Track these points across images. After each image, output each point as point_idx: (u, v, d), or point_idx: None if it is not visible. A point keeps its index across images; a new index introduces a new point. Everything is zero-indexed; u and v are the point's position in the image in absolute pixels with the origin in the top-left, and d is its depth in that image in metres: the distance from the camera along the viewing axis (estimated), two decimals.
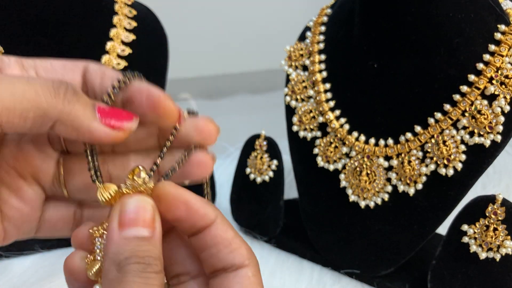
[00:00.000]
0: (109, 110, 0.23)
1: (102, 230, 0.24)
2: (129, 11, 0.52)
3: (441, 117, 0.42)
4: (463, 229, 0.43)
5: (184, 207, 0.23)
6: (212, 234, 0.23)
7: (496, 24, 0.41)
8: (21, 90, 0.20)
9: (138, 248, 0.21)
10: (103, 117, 0.23)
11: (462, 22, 0.41)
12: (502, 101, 0.40)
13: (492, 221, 0.41)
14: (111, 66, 0.50)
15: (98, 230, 0.24)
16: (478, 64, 0.40)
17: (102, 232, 0.24)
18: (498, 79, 0.40)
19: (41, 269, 0.51)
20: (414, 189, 0.43)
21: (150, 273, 0.21)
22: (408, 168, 0.43)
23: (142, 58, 0.51)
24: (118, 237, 0.21)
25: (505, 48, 0.40)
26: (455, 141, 0.41)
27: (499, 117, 0.40)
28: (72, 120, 0.22)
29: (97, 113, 0.23)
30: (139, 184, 0.23)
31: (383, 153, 0.45)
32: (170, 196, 0.23)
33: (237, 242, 0.23)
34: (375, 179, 0.45)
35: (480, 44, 0.41)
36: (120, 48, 0.50)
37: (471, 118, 0.41)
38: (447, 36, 0.41)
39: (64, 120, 0.22)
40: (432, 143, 0.42)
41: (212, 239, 0.23)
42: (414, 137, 0.43)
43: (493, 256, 0.41)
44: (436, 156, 0.42)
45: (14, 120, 0.21)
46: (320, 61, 0.49)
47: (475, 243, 0.42)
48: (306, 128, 0.50)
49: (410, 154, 0.43)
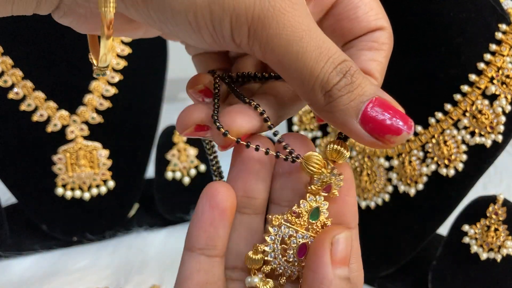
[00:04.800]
0: (376, 116, 0.21)
1: (283, 220, 0.24)
2: None
3: (442, 117, 0.41)
4: (464, 229, 0.43)
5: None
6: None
7: (497, 24, 0.41)
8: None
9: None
10: (365, 120, 0.21)
11: (463, 22, 0.41)
12: (503, 101, 0.39)
13: (493, 221, 0.41)
14: (111, 66, 0.49)
15: (278, 219, 0.24)
16: (479, 64, 0.40)
17: (281, 222, 0.24)
18: (499, 78, 0.40)
19: (41, 269, 0.51)
20: (415, 189, 0.43)
21: None
22: (409, 168, 0.43)
23: (141, 58, 0.51)
24: (331, 275, 0.21)
25: (506, 47, 0.40)
26: (456, 141, 0.41)
27: (500, 117, 0.39)
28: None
29: (360, 115, 0.21)
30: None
31: (383, 153, 0.44)
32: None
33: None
34: (376, 179, 0.45)
35: (481, 44, 0.41)
36: (119, 48, 0.50)
37: (472, 118, 0.40)
38: (448, 35, 0.41)
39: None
40: (433, 143, 0.42)
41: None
42: (415, 137, 0.43)
43: (494, 257, 0.41)
44: (437, 156, 0.42)
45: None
46: None
47: (476, 244, 0.42)
48: (307, 128, 0.49)
49: (411, 154, 0.43)
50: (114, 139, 0.52)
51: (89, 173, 0.51)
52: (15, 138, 0.49)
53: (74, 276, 0.50)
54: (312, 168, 0.23)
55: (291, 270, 0.24)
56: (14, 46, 0.47)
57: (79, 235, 0.54)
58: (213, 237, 0.23)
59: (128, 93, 0.51)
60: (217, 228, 0.23)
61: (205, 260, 0.23)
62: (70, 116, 0.49)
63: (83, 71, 0.49)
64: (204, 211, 0.23)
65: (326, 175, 0.23)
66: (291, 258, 0.24)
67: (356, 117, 0.21)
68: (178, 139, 0.56)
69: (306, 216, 0.24)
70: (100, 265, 0.52)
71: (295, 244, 0.24)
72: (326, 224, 0.24)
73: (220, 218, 0.23)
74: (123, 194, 0.54)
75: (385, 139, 0.21)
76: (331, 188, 0.24)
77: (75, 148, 0.50)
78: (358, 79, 0.21)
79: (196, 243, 0.23)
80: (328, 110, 0.21)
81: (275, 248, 0.24)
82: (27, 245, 0.52)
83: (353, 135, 0.21)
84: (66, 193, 0.51)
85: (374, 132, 0.21)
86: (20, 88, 0.47)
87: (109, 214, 0.55)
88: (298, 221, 0.24)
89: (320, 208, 0.24)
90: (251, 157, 0.24)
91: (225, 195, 0.23)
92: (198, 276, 0.23)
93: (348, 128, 0.21)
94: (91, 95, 0.49)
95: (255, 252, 0.24)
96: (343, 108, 0.21)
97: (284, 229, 0.24)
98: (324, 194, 0.24)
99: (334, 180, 0.23)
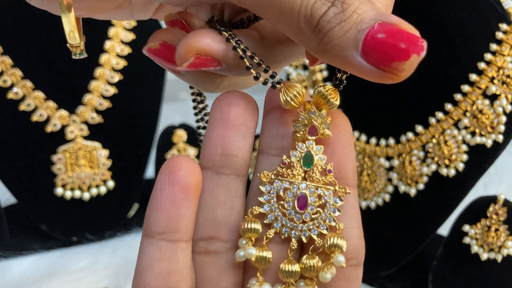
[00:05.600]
0: (379, 40, 0.17)
1: (273, 175, 0.21)
2: None
3: (443, 116, 0.41)
4: (464, 229, 0.42)
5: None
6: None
7: (497, 24, 0.40)
8: None
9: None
10: (367, 51, 0.17)
11: (463, 22, 0.41)
12: (504, 100, 0.39)
13: (494, 221, 0.41)
14: (110, 66, 0.49)
15: (268, 175, 0.22)
16: (480, 64, 0.40)
17: (272, 178, 0.21)
18: (500, 78, 0.40)
19: (40, 269, 0.51)
20: (415, 189, 0.43)
21: None
22: (409, 168, 0.43)
23: (141, 57, 0.51)
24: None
25: (507, 47, 0.40)
26: (456, 141, 0.41)
27: (500, 116, 0.39)
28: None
29: (360, 46, 0.18)
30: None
31: (384, 153, 0.44)
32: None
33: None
34: (376, 179, 0.45)
35: (482, 44, 0.40)
36: (119, 48, 0.50)
37: (472, 118, 0.40)
38: (448, 35, 0.41)
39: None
40: (433, 143, 0.42)
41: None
42: (415, 137, 0.43)
43: (495, 257, 0.41)
44: (437, 156, 0.42)
45: None
46: None
47: (477, 244, 0.42)
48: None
49: (411, 154, 0.43)
50: (113, 139, 0.52)
51: (88, 173, 0.51)
52: (14, 138, 0.49)
53: (73, 276, 0.50)
54: (287, 98, 0.21)
55: (300, 229, 0.21)
56: (13, 45, 0.47)
57: (78, 235, 0.54)
58: (175, 218, 0.20)
59: (128, 93, 0.51)
60: (178, 208, 0.20)
61: (166, 246, 0.21)
62: (70, 116, 0.49)
63: (82, 71, 0.49)
64: (163, 188, 0.20)
65: (304, 116, 0.21)
66: (292, 214, 0.21)
67: (356, 49, 0.18)
68: (178, 139, 0.56)
69: (299, 165, 0.21)
70: (100, 265, 0.52)
71: (292, 196, 0.21)
72: (327, 169, 0.21)
73: (182, 195, 0.20)
74: (123, 194, 0.54)
75: (392, 69, 0.18)
76: (317, 130, 0.21)
77: (74, 148, 0.50)
78: (352, 5, 0.18)
79: (155, 227, 0.20)
80: (323, 49, 0.18)
81: (273, 208, 0.22)
82: (26, 245, 0.52)
83: (356, 70, 0.18)
84: (66, 193, 0.51)
85: (379, 63, 0.18)
86: (20, 88, 0.47)
87: (109, 214, 0.55)
88: (292, 173, 0.21)
89: (313, 152, 0.21)
90: (231, 110, 0.21)
91: (188, 169, 0.20)
92: (159, 265, 0.21)
93: (349, 63, 0.18)
94: (91, 95, 0.49)
95: (249, 219, 0.21)
96: (338, 42, 0.18)
97: (277, 184, 0.21)
98: (311, 138, 0.21)
99: (316, 118, 0.21)
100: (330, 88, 0.21)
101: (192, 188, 0.21)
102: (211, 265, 0.22)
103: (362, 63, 0.18)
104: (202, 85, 0.23)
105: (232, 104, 0.21)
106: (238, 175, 0.22)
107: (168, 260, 0.21)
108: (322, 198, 0.21)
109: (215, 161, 0.21)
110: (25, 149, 0.49)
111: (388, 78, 0.18)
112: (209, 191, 0.22)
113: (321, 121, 0.21)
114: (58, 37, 0.48)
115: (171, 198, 0.20)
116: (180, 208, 0.20)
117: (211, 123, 0.21)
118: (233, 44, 0.20)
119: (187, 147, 0.56)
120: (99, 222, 0.54)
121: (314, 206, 0.21)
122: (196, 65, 0.20)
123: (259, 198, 0.22)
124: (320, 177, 0.21)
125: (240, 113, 0.21)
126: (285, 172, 0.21)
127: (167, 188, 0.20)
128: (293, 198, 0.21)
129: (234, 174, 0.22)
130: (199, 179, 0.21)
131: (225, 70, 0.21)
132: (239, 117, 0.21)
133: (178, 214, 0.20)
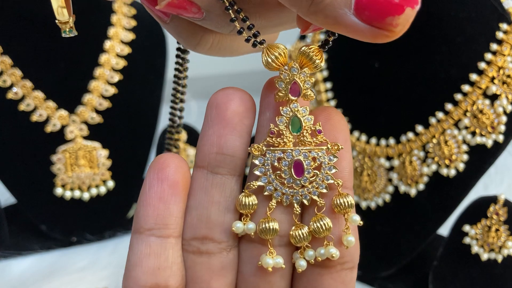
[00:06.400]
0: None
1: (264, 147, 0.21)
2: (128, 10, 0.51)
3: (443, 116, 0.41)
4: (464, 230, 0.42)
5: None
6: None
7: (498, 23, 0.40)
8: None
9: None
10: (360, 8, 0.17)
11: (463, 21, 0.40)
12: (504, 100, 0.39)
13: (494, 221, 0.41)
14: (110, 66, 0.49)
15: (259, 148, 0.21)
16: (480, 64, 0.40)
17: (263, 149, 0.21)
18: (500, 78, 0.40)
19: (40, 270, 0.51)
20: (416, 189, 0.43)
21: None
22: (410, 169, 0.43)
23: (141, 57, 0.51)
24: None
25: (507, 47, 0.40)
26: (456, 141, 0.41)
27: (501, 116, 0.39)
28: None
29: (353, 3, 0.17)
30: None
31: (384, 153, 0.44)
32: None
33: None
34: (376, 179, 0.45)
35: (482, 43, 0.40)
36: (119, 47, 0.50)
37: (473, 118, 0.40)
38: (448, 35, 0.41)
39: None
40: (434, 143, 0.42)
41: None
42: (416, 137, 0.43)
43: (495, 257, 0.41)
44: (437, 156, 0.42)
45: None
46: None
47: (477, 244, 0.42)
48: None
49: (411, 154, 0.43)
50: (113, 139, 0.52)
51: (88, 173, 0.51)
52: (14, 138, 0.49)
53: (73, 276, 0.50)
54: (268, 59, 0.20)
55: (300, 194, 0.21)
56: (13, 45, 0.47)
57: (78, 235, 0.54)
58: (164, 214, 0.20)
59: (127, 93, 0.51)
60: (167, 204, 0.20)
61: (155, 242, 0.21)
62: (70, 116, 0.49)
63: (82, 71, 0.49)
64: (152, 185, 0.20)
65: (286, 73, 0.21)
66: (291, 182, 0.21)
67: (348, 7, 0.17)
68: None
69: (288, 131, 0.21)
70: (100, 265, 0.52)
71: (287, 165, 0.21)
72: (316, 130, 0.21)
73: (170, 192, 0.20)
74: (122, 194, 0.54)
75: (387, 25, 0.17)
76: (299, 88, 0.21)
77: (74, 148, 0.50)
78: None
79: (144, 223, 0.21)
80: (314, 10, 0.17)
81: (270, 180, 0.21)
82: (26, 245, 0.52)
83: (349, 30, 0.17)
84: (66, 193, 0.51)
85: (372, 20, 0.17)
86: (19, 88, 0.47)
87: (109, 214, 0.55)
88: (282, 141, 0.21)
89: (299, 115, 0.21)
90: (228, 108, 0.21)
91: (176, 166, 0.21)
92: (148, 261, 0.21)
93: (341, 23, 0.17)
94: (91, 95, 0.49)
95: (245, 194, 0.21)
96: (330, 1, 0.17)
97: (270, 155, 0.21)
98: (293, 98, 0.21)
99: (298, 76, 0.21)
100: (315, 48, 0.21)
101: (181, 185, 0.21)
102: (203, 265, 0.22)
103: (355, 21, 0.17)
104: (184, 38, 0.22)
105: (229, 101, 0.21)
106: (234, 175, 0.22)
107: (158, 256, 0.21)
108: (317, 160, 0.21)
109: (210, 160, 0.21)
110: (24, 149, 0.49)
111: (382, 35, 0.17)
112: (204, 190, 0.21)
113: (304, 79, 0.21)
114: (58, 37, 0.48)
115: (160, 195, 0.20)
116: (168, 204, 0.20)
117: (206, 121, 0.21)
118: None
119: (187, 147, 0.56)
120: (99, 222, 0.54)
121: (311, 170, 0.21)
122: (175, 6, 0.19)
123: (255, 172, 0.21)
124: (311, 139, 0.21)
125: (237, 111, 0.21)
126: (275, 141, 0.21)
127: (155, 184, 0.20)
128: (288, 166, 0.21)
129: (230, 173, 0.21)
130: (187, 176, 0.21)
131: (206, 20, 0.20)
132: (235, 115, 0.21)
133: (167, 210, 0.20)
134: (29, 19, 0.46)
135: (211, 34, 0.22)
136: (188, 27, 0.21)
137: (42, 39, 0.47)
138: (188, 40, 0.22)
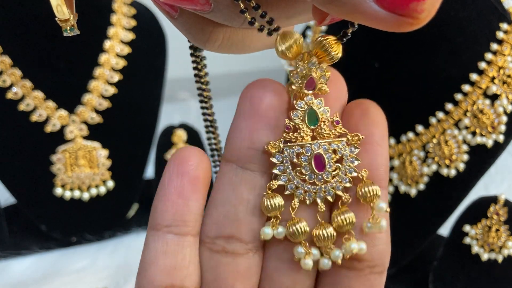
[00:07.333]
0: None
1: (281, 144, 0.20)
2: (128, 10, 0.51)
3: (443, 116, 0.41)
4: (465, 230, 0.42)
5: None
6: None
7: (498, 23, 0.40)
8: None
9: None
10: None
11: (464, 21, 0.40)
12: (505, 100, 0.39)
13: (494, 221, 0.41)
14: (110, 66, 0.49)
15: (275, 145, 0.20)
16: (480, 63, 0.40)
17: (280, 146, 0.20)
18: (500, 78, 0.40)
19: (40, 270, 0.51)
20: (416, 189, 0.43)
21: None
22: (410, 169, 0.43)
23: (141, 57, 0.51)
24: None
25: (508, 47, 0.40)
26: (457, 141, 0.41)
27: (501, 116, 0.39)
28: None
29: None
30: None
31: None
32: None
33: None
34: None
35: (482, 43, 0.40)
36: (119, 47, 0.50)
37: (473, 118, 0.40)
38: (449, 35, 0.41)
39: None
40: (434, 143, 0.42)
41: None
42: (416, 137, 0.43)
43: (495, 257, 0.41)
44: (438, 156, 0.42)
45: None
46: None
47: (477, 244, 0.42)
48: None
49: (411, 154, 0.43)
50: (113, 139, 0.52)
51: (88, 173, 0.51)
52: (13, 138, 0.49)
53: (73, 276, 0.50)
54: (282, 48, 0.19)
55: (323, 191, 0.20)
56: (13, 45, 0.47)
57: (78, 236, 0.54)
58: (182, 211, 0.19)
59: (127, 93, 0.51)
60: (187, 200, 0.19)
61: (173, 240, 0.20)
62: (69, 116, 0.49)
63: (82, 71, 0.49)
64: (172, 179, 0.19)
65: (303, 66, 0.20)
66: (312, 178, 0.20)
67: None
68: (178, 139, 0.56)
69: (304, 125, 0.20)
70: (99, 265, 0.52)
71: (307, 160, 0.20)
72: (334, 121, 0.20)
73: (190, 188, 0.19)
74: (122, 194, 0.54)
75: (411, 11, 0.15)
76: (315, 83, 0.20)
77: (74, 148, 0.50)
78: None
79: (161, 219, 0.20)
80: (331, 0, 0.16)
81: (291, 177, 0.20)
82: (26, 246, 0.52)
83: (369, 19, 0.16)
84: (65, 193, 0.51)
85: (395, 7, 0.15)
86: (19, 88, 0.47)
87: (108, 215, 0.55)
88: (299, 135, 0.20)
89: (315, 107, 0.20)
90: (262, 101, 0.19)
91: (197, 160, 0.19)
92: (165, 259, 0.20)
93: (361, 11, 0.16)
94: (90, 94, 0.49)
95: (269, 195, 0.20)
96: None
97: (288, 151, 0.20)
98: (308, 92, 0.20)
99: (315, 70, 0.20)
100: (332, 40, 0.19)
101: (202, 181, 0.20)
102: (228, 267, 0.21)
103: (376, 9, 0.15)
104: (194, 34, 0.21)
105: (264, 93, 0.19)
106: (265, 172, 0.20)
107: (174, 255, 0.20)
108: (338, 152, 0.20)
109: (240, 154, 0.20)
110: (24, 149, 0.49)
111: (406, 23, 0.15)
112: (232, 186, 0.20)
113: (320, 74, 0.20)
114: (58, 37, 0.48)
115: (179, 190, 0.19)
116: (188, 200, 0.19)
117: (239, 113, 0.20)
118: None
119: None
120: (98, 222, 0.54)
121: (332, 163, 0.20)
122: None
123: (273, 171, 0.20)
124: (329, 131, 0.20)
125: (272, 104, 0.20)
126: (292, 136, 0.20)
127: (175, 179, 0.19)
128: (308, 161, 0.20)
129: (261, 170, 0.20)
130: (208, 171, 0.20)
131: (214, 12, 0.19)
132: (270, 109, 0.20)
133: (186, 207, 0.19)
134: (29, 19, 0.46)
135: (221, 30, 0.21)
136: (197, 23, 0.20)
137: (42, 39, 0.47)
138: (197, 36, 0.21)
